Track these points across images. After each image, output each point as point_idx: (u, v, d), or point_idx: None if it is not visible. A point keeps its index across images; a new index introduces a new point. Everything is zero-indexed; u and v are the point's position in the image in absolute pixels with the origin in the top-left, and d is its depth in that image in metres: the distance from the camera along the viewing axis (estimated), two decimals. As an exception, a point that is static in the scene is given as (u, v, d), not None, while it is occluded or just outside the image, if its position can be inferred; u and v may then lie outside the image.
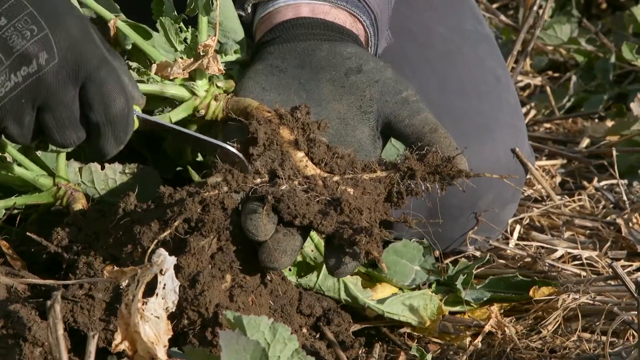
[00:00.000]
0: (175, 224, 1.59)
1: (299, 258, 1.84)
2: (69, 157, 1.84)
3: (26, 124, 1.60)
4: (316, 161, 1.68)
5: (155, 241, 1.57)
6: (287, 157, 1.66)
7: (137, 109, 1.66)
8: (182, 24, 1.85)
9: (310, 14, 1.84)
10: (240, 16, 1.90)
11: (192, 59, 1.82)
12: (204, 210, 1.60)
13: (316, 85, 1.78)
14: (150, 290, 1.43)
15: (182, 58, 1.83)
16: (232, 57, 1.88)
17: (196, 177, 1.78)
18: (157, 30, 1.86)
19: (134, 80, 1.68)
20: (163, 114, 1.81)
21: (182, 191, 1.64)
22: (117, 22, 1.83)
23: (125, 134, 1.65)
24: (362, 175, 1.65)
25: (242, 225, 1.58)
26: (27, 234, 1.74)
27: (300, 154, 1.67)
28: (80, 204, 1.78)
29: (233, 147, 1.66)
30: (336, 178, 1.64)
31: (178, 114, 1.81)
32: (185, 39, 1.86)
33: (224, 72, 1.82)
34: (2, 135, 1.63)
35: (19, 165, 1.82)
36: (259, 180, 1.63)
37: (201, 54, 1.80)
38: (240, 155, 1.65)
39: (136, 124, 1.67)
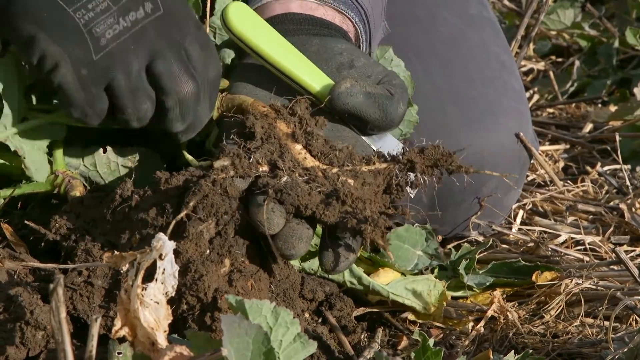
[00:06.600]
0: (191, 204, 1.56)
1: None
2: (70, 141, 1.83)
3: (134, 73, 1.59)
4: (314, 153, 1.67)
5: (173, 223, 1.55)
6: (286, 149, 1.65)
7: None
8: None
9: (299, 10, 1.83)
10: None
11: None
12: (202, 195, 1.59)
13: None
14: (150, 275, 1.42)
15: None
16: (227, 61, 1.87)
17: (193, 160, 1.77)
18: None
19: None
20: None
21: (180, 176, 1.62)
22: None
23: (215, 96, 1.70)
24: (361, 167, 1.65)
25: (252, 218, 1.57)
26: (26, 222, 1.73)
27: (299, 147, 1.66)
28: (77, 191, 1.77)
29: None
30: (335, 170, 1.63)
31: None
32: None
33: None
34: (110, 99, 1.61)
35: (16, 154, 1.80)
36: (266, 167, 1.62)
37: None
38: None
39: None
